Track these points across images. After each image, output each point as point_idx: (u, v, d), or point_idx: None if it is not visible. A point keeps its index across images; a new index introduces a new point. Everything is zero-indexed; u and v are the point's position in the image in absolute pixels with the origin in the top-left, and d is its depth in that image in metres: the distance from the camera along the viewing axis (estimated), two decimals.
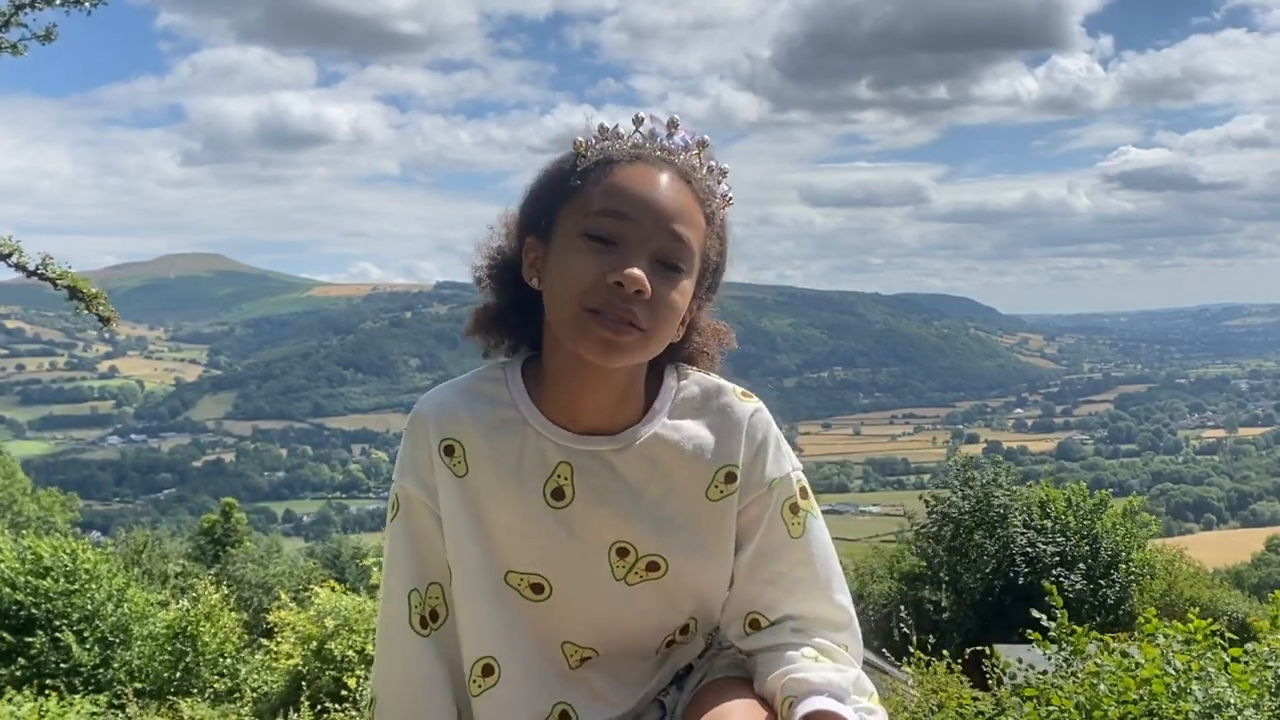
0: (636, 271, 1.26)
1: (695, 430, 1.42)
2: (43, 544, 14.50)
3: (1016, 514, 21.83)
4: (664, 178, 1.33)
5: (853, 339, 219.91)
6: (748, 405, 1.44)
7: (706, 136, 1.39)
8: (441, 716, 1.41)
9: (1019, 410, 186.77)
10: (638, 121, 1.38)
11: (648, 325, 1.28)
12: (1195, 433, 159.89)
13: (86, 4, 9.35)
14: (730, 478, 1.42)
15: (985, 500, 21.69)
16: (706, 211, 1.36)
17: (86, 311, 9.22)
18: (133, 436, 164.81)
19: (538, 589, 1.41)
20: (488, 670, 1.40)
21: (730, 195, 1.40)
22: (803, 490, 1.45)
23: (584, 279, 1.28)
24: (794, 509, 1.44)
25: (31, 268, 8.96)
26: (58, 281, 9.01)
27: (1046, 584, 5.08)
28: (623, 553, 1.41)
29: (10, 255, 8.81)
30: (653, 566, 1.42)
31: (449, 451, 1.40)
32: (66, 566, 14.15)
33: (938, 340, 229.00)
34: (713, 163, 1.39)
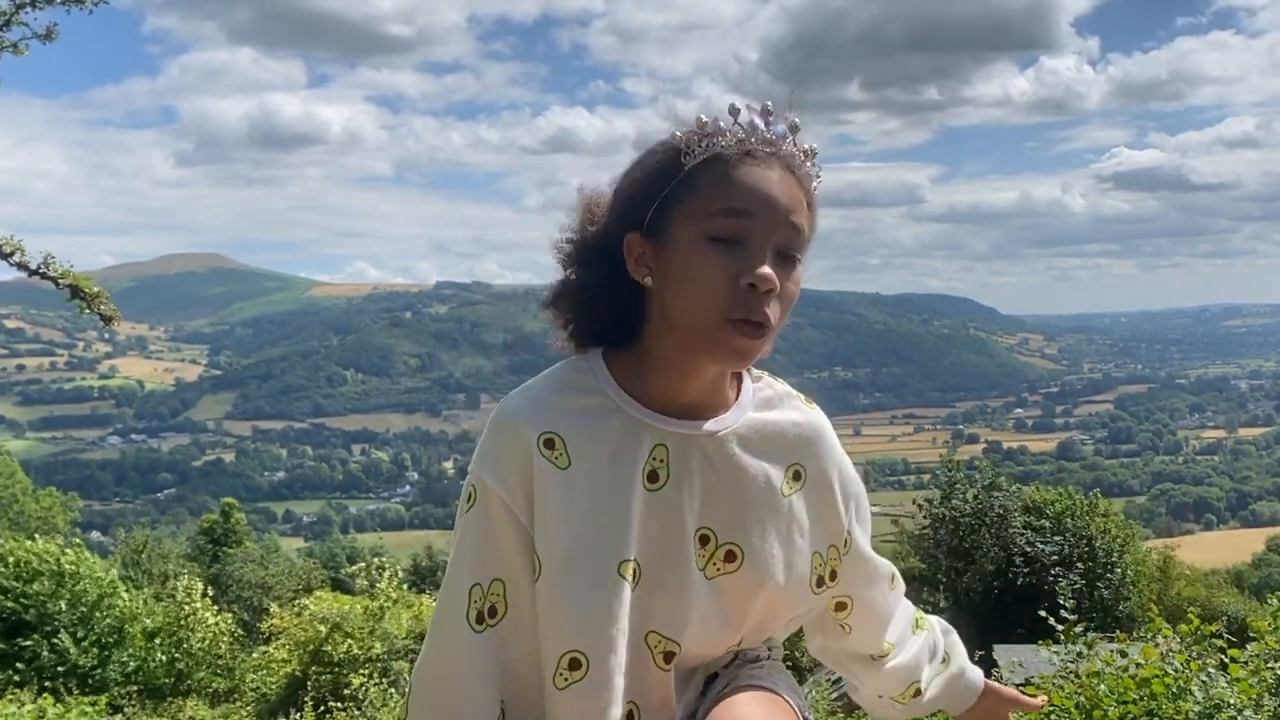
0: (768, 271, 1.30)
1: (776, 425, 1.49)
2: (24, 548, 14.34)
3: (1016, 515, 21.85)
4: (775, 174, 1.35)
5: (852, 339, 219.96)
6: (814, 412, 1.53)
7: (798, 120, 1.41)
8: (483, 712, 1.38)
9: (1019, 410, 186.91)
10: (734, 113, 1.38)
11: (776, 321, 1.34)
12: (1195, 433, 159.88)
13: (88, 3, 9.34)
14: (798, 475, 1.48)
15: (985, 501, 21.71)
16: (809, 197, 1.39)
17: (89, 311, 9.21)
18: (133, 436, 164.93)
19: (634, 575, 1.41)
20: (575, 664, 1.37)
21: (820, 175, 1.43)
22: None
23: (717, 286, 1.30)
24: (865, 521, 1.54)
25: (33, 267, 8.96)
26: (60, 281, 9.00)
27: (1062, 586, 5.06)
28: (704, 540, 1.43)
29: (12, 254, 8.81)
30: (730, 557, 1.43)
31: (549, 445, 1.38)
32: (54, 570, 14.08)
33: (937, 340, 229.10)
34: (806, 146, 1.41)
